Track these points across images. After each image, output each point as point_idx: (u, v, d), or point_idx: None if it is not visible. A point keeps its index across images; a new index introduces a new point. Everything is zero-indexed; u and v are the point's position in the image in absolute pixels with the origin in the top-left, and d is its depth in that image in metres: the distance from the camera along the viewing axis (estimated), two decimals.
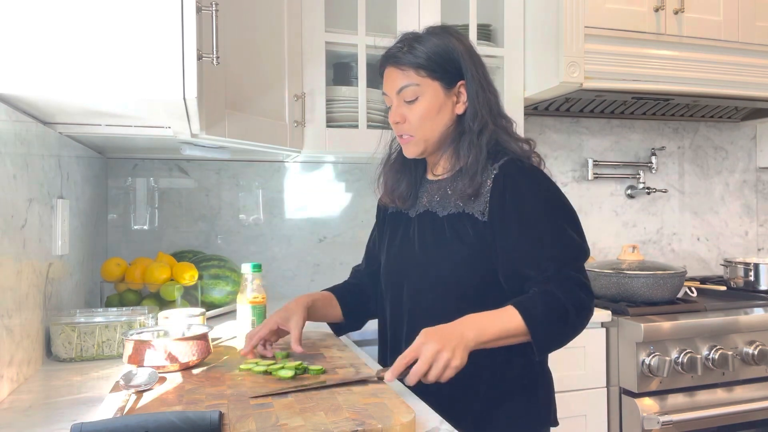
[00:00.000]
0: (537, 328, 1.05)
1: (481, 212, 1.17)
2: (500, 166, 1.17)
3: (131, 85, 0.99)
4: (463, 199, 1.19)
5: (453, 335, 1.01)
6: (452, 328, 1.03)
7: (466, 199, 1.18)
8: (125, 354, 1.12)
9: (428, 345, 0.99)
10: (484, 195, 1.17)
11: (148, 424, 0.77)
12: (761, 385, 1.88)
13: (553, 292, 1.08)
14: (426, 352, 0.98)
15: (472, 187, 1.17)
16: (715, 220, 2.80)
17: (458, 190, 1.19)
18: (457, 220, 1.20)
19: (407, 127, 1.22)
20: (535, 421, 1.22)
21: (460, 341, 1.00)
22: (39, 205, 1.20)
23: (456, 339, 1.00)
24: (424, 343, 0.99)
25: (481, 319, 1.06)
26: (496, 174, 1.17)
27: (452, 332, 1.02)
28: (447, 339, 1.00)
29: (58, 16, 0.96)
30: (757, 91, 2.22)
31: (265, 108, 1.73)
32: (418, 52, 1.19)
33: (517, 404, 1.20)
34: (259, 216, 2.23)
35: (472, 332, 1.02)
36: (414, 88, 1.19)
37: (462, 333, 1.02)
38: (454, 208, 1.21)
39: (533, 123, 2.50)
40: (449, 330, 1.02)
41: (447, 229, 1.21)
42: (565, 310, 1.07)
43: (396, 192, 1.32)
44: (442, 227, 1.22)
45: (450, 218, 1.21)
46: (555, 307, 1.07)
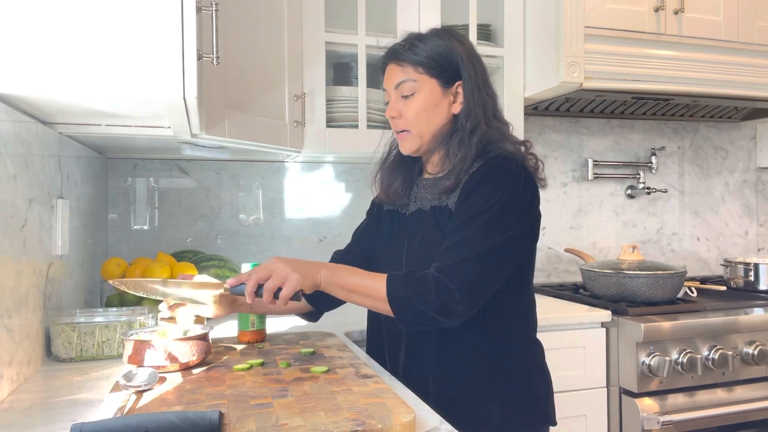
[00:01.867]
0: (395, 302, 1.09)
1: (454, 203, 1.19)
2: (485, 160, 1.18)
3: (131, 85, 0.99)
4: (445, 193, 1.21)
5: (303, 263, 1.12)
6: (308, 261, 1.15)
7: (446, 192, 1.20)
8: (125, 354, 1.12)
9: (276, 261, 1.10)
10: (460, 186, 1.19)
11: (148, 424, 0.77)
12: (761, 385, 1.88)
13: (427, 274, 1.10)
14: (270, 265, 1.10)
15: (453, 181, 1.19)
16: (715, 220, 2.80)
17: (441, 185, 1.22)
18: (439, 213, 1.22)
19: (402, 122, 1.24)
20: (533, 420, 1.23)
21: (307, 269, 1.10)
22: (39, 205, 1.20)
23: (304, 266, 1.11)
24: (274, 260, 1.11)
25: (342, 267, 1.17)
26: (474, 171, 1.18)
27: (305, 262, 1.13)
28: (294, 262, 1.11)
29: (58, 16, 0.96)
30: (757, 91, 2.22)
31: (265, 108, 1.73)
32: (418, 50, 1.21)
33: (516, 404, 1.20)
34: (259, 216, 2.23)
35: (325, 270, 1.13)
36: (411, 83, 1.22)
37: (314, 266, 1.13)
38: (437, 202, 1.23)
39: (533, 123, 2.50)
40: (304, 260, 1.14)
41: (431, 223, 1.23)
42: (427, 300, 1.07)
43: (391, 189, 1.34)
44: (427, 221, 1.24)
45: (433, 211, 1.23)
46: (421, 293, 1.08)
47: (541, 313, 1.80)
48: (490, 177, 1.15)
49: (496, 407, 1.19)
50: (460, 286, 1.08)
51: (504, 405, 1.19)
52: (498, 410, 1.19)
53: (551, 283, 2.49)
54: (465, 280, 1.08)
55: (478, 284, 1.10)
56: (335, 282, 1.13)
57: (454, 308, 1.08)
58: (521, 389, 1.21)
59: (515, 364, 1.21)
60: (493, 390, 1.19)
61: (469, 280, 1.09)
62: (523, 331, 1.25)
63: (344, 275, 1.14)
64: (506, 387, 1.20)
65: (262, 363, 1.17)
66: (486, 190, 1.14)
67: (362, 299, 1.13)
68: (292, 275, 1.07)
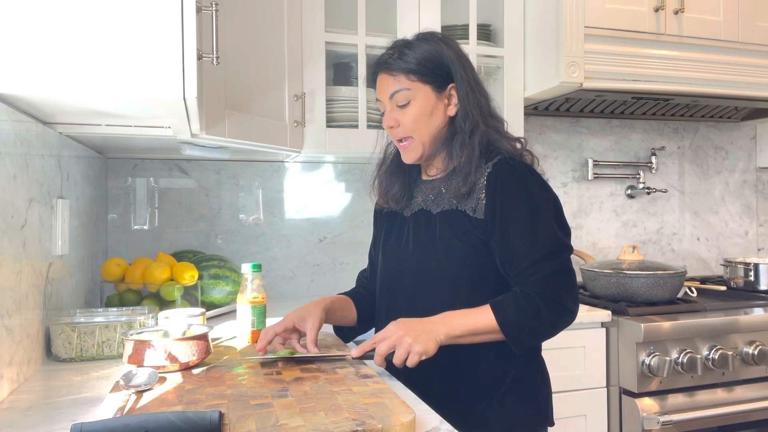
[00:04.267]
0: (508, 324, 1.11)
1: (473, 209, 1.20)
2: (493, 165, 1.19)
3: (131, 85, 0.99)
4: (457, 197, 1.21)
5: (421, 325, 1.11)
6: (423, 320, 1.13)
7: (460, 197, 1.21)
8: (125, 354, 1.12)
9: (395, 329, 1.10)
10: (477, 192, 1.19)
11: (148, 424, 0.77)
12: (761, 385, 1.88)
13: (526, 291, 1.13)
14: (391, 335, 1.09)
15: (466, 185, 1.20)
16: (715, 220, 2.80)
17: (452, 188, 1.22)
18: (450, 216, 1.22)
19: (401, 130, 1.24)
20: (531, 420, 1.23)
21: (427, 331, 1.10)
22: (39, 205, 1.20)
23: (422, 329, 1.10)
24: (393, 328, 1.11)
25: (453, 315, 1.14)
26: (489, 172, 1.19)
27: (421, 323, 1.12)
28: (413, 327, 1.10)
29: (58, 16, 0.96)
30: (757, 91, 2.22)
31: (265, 108, 1.73)
32: (408, 57, 1.22)
33: (514, 404, 1.20)
34: (259, 216, 2.23)
35: (442, 326, 1.11)
36: (405, 92, 1.22)
37: (431, 325, 1.11)
38: (448, 205, 1.23)
39: (533, 123, 2.50)
40: (419, 320, 1.13)
41: (440, 226, 1.23)
42: (537, 307, 1.12)
43: (390, 193, 1.34)
44: (435, 224, 1.24)
45: (443, 215, 1.23)
46: (527, 304, 1.12)
47: None
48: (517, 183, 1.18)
49: (493, 407, 1.19)
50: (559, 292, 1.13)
51: (502, 405, 1.19)
52: (497, 411, 1.19)
53: None
54: (562, 285, 1.14)
55: (571, 281, 1.16)
56: (453, 336, 1.12)
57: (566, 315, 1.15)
58: (520, 389, 1.21)
59: (515, 364, 1.21)
60: (493, 390, 1.19)
61: (564, 282, 1.15)
62: None
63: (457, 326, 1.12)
64: (505, 387, 1.20)
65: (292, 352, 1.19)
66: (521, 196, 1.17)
67: (481, 338, 1.14)
68: (416, 347, 1.07)
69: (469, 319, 1.12)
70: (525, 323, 1.12)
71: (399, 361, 1.08)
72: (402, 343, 1.08)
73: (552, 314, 1.13)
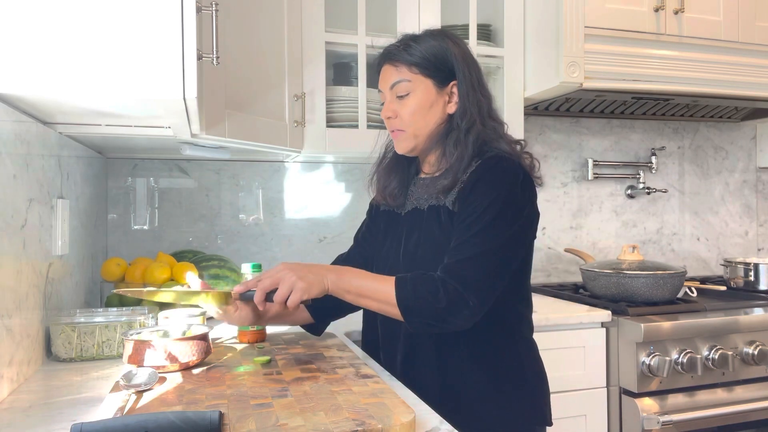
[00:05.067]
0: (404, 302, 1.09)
1: (452, 202, 1.19)
2: (480, 162, 1.19)
3: (131, 85, 0.99)
4: (443, 192, 1.21)
5: (309, 268, 1.12)
6: (314, 264, 1.15)
7: (444, 191, 1.21)
8: (125, 354, 1.12)
9: (281, 267, 1.11)
10: (458, 186, 1.19)
11: (147, 424, 0.77)
12: (761, 385, 1.88)
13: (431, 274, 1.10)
14: (276, 273, 1.10)
15: (451, 181, 1.19)
16: (715, 220, 2.80)
17: (439, 185, 1.22)
18: (434, 211, 1.22)
19: (398, 122, 1.24)
20: (529, 420, 1.23)
21: (314, 274, 1.11)
22: (39, 205, 1.20)
23: (310, 271, 1.11)
24: (281, 267, 1.11)
25: (349, 270, 1.15)
26: (473, 170, 1.18)
27: (310, 266, 1.13)
28: (301, 268, 1.11)
29: (58, 16, 0.96)
30: (757, 91, 2.22)
31: (265, 108, 1.73)
32: (413, 50, 1.22)
33: (511, 404, 1.20)
34: (259, 216, 2.23)
35: (332, 275, 1.13)
36: (406, 83, 1.22)
37: (322, 271, 1.13)
38: (435, 201, 1.23)
39: (533, 123, 2.50)
40: (310, 265, 1.14)
41: (427, 221, 1.23)
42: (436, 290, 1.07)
43: (387, 190, 1.34)
44: (425, 220, 1.24)
45: (430, 210, 1.24)
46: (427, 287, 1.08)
47: (541, 313, 1.82)
48: (489, 176, 1.16)
49: (493, 408, 1.19)
50: (467, 285, 1.08)
51: (501, 406, 1.19)
52: (495, 411, 1.19)
53: (551, 283, 2.49)
54: (471, 279, 1.09)
55: (485, 282, 1.10)
56: (343, 286, 1.12)
57: (463, 308, 1.08)
58: (518, 390, 1.21)
59: (512, 364, 1.21)
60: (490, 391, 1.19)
61: (475, 279, 1.09)
62: (520, 331, 1.25)
63: (352, 279, 1.13)
64: (503, 387, 1.20)
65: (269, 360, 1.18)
66: (485, 189, 1.14)
67: (371, 303, 1.13)
68: (299, 284, 1.08)
69: (367, 282, 1.13)
70: (418, 306, 1.08)
71: (280, 299, 1.08)
72: (285, 279, 1.08)
73: (448, 302, 1.07)
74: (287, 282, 1.08)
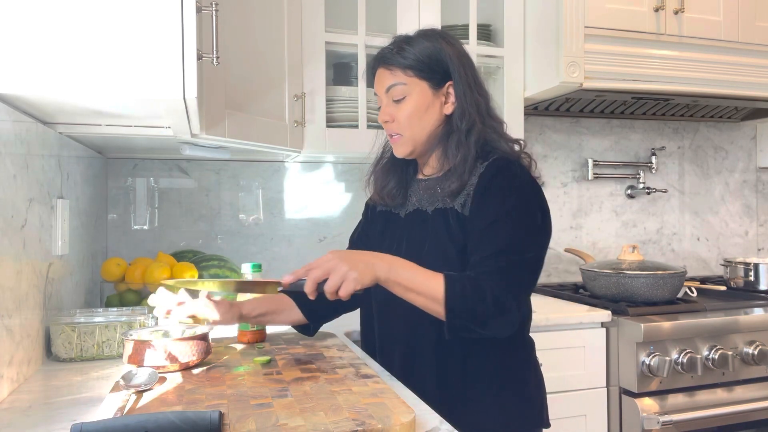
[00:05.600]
0: (452, 301, 1.06)
1: (461, 205, 1.19)
2: (487, 165, 1.18)
3: (131, 85, 0.99)
4: (450, 196, 1.20)
5: (361, 257, 1.07)
6: (365, 252, 1.10)
7: (452, 195, 1.20)
8: (125, 354, 1.12)
9: (333, 258, 1.05)
10: (467, 190, 1.19)
11: (148, 424, 0.77)
12: (761, 385, 1.88)
13: (479, 278, 1.08)
14: (326, 263, 1.04)
15: (457, 183, 1.19)
16: (715, 220, 2.80)
17: (446, 188, 1.21)
18: (443, 214, 1.22)
19: (396, 126, 1.24)
20: (525, 422, 1.22)
21: (366, 263, 1.05)
22: (39, 205, 1.20)
23: (362, 260, 1.06)
24: (330, 256, 1.05)
25: (400, 261, 1.09)
26: (482, 172, 1.18)
27: (362, 255, 1.08)
28: (351, 257, 1.06)
29: (58, 16, 0.96)
30: (757, 91, 2.22)
31: (265, 108, 1.73)
32: (406, 53, 1.21)
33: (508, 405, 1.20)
34: (259, 216, 2.23)
35: (385, 264, 1.07)
36: (401, 87, 1.22)
37: (373, 259, 1.07)
38: (441, 204, 1.23)
39: (533, 123, 2.50)
40: (360, 253, 1.10)
41: (433, 224, 1.22)
42: (483, 299, 1.06)
43: (385, 190, 1.33)
44: (429, 223, 1.23)
45: (436, 213, 1.23)
46: (474, 288, 1.07)
47: (541, 313, 1.82)
48: (502, 182, 1.15)
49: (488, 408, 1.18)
50: (509, 292, 1.08)
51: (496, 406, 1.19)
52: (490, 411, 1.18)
53: (551, 283, 2.49)
54: (513, 286, 1.09)
55: (524, 289, 1.13)
56: (394, 278, 1.07)
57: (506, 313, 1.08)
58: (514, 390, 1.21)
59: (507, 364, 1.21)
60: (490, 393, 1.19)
61: (516, 286, 1.10)
62: (521, 332, 1.25)
63: (403, 270, 1.08)
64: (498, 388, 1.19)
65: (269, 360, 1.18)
66: (502, 195, 1.14)
67: (417, 298, 1.08)
68: (351, 273, 1.02)
69: (416, 275, 1.08)
70: (465, 307, 1.06)
71: (331, 289, 1.02)
72: (337, 269, 1.02)
73: (493, 311, 1.07)
74: (339, 272, 1.02)
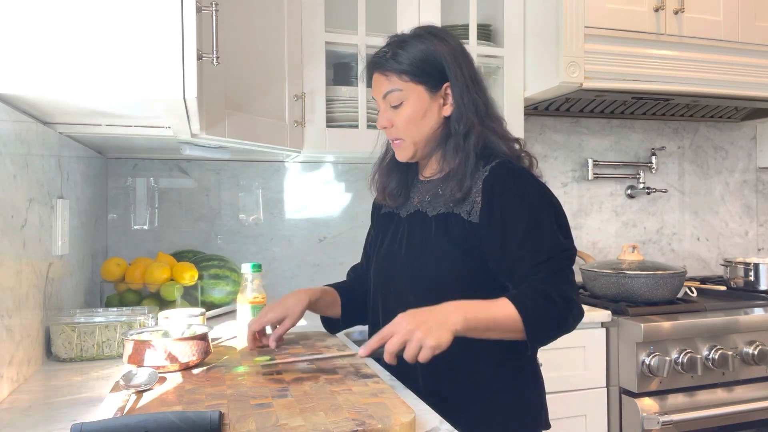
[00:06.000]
0: (529, 318, 1.06)
1: (467, 212, 1.18)
2: (491, 169, 1.18)
3: (131, 85, 0.99)
4: (453, 201, 1.20)
5: (433, 316, 1.03)
6: (435, 309, 1.05)
7: (456, 201, 1.19)
8: (125, 354, 1.12)
9: (404, 323, 1.01)
10: (473, 196, 1.18)
11: (148, 424, 0.77)
12: (761, 385, 1.88)
13: (541, 286, 1.09)
14: (400, 330, 1.00)
15: (461, 191, 1.18)
16: (715, 220, 2.80)
17: (448, 193, 1.20)
18: (444, 219, 1.21)
19: (395, 131, 1.24)
20: (525, 423, 1.22)
21: (440, 322, 1.01)
22: (39, 205, 1.20)
23: (435, 319, 1.02)
24: (401, 321, 1.02)
25: (469, 304, 1.06)
26: (486, 176, 1.17)
27: (433, 313, 1.03)
28: (425, 319, 1.01)
29: (58, 16, 0.96)
30: (757, 91, 2.22)
31: (265, 108, 1.73)
32: (401, 57, 1.20)
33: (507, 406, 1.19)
34: (259, 216, 2.23)
35: (457, 315, 1.03)
36: (398, 93, 1.21)
37: (445, 315, 1.03)
38: (444, 208, 1.21)
39: (533, 123, 2.50)
40: (430, 310, 1.04)
41: (434, 228, 1.21)
42: (552, 299, 1.08)
43: (387, 190, 1.33)
44: (430, 226, 1.22)
45: (438, 218, 1.22)
46: (542, 297, 1.08)
47: None
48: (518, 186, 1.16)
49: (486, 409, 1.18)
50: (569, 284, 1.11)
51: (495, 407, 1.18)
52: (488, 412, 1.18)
53: None
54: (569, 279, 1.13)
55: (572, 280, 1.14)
56: (471, 326, 1.04)
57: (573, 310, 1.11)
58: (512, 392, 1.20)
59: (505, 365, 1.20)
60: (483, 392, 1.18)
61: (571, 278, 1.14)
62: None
63: (477, 315, 1.05)
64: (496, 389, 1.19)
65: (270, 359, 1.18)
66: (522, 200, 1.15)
67: (497, 334, 1.07)
68: (427, 341, 0.99)
69: (487, 311, 1.05)
70: (542, 317, 1.07)
71: (410, 358, 1.00)
72: (413, 337, 0.99)
73: (565, 308, 1.09)
74: (414, 341, 0.99)
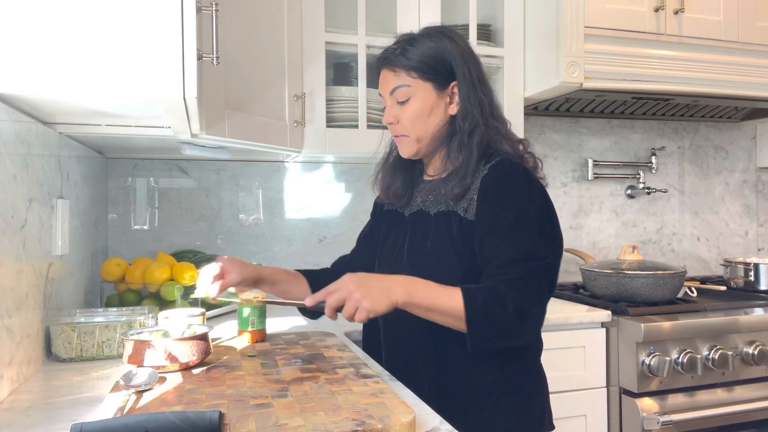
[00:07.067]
0: (473, 315, 1.05)
1: (464, 209, 1.18)
2: (490, 167, 1.18)
3: (131, 85, 0.99)
4: (453, 198, 1.20)
5: (379, 282, 1.08)
6: (384, 277, 1.11)
7: (455, 198, 1.20)
8: (125, 354, 1.12)
9: (350, 283, 1.06)
10: (470, 193, 1.18)
11: (148, 424, 0.77)
12: (761, 385, 1.88)
13: (498, 288, 1.07)
14: (343, 288, 1.06)
15: (461, 187, 1.18)
16: (715, 220, 2.80)
17: (449, 190, 1.21)
18: (445, 217, 1.21)
19: (400, 127, 1.24)
20: (528, 424, 1.22)
21: (382, 289, 1.06)
22: (39, 205, 1.20)
23: (379, 286, 1.06)
24: (347, 281, 1.07)
25: (419, 282, 1.09)
26: (485, 175, 1.18)
27: (381, 280, 1.09)
28: (369, 283, 1.07)
29: (58, 16, 0.96)
30: (757, 91, 2.22)
31: (265, 108, 1.73)
32: (410, 54, 1.21)
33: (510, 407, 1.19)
34: (259, 216, 2.23)
35: (402, 288, 1.07)
36: (405, 89, 1.21)
37: (390, 285, 1.07)
38: (444, 207, 1.22)
39: (533, 123, 2.50)
40: (379, 277, 1.10)
41: (435, 227, 1.22)
42: (505, 308, 1.05)
43: (391, 189, 1.34)
44: (431, 225, 1.23)
45: (439, 216, 1.22)
46: (496, 301, 1.06)
47: None
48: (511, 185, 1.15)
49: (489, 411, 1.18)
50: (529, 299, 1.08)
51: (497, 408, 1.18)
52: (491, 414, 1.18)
53: None
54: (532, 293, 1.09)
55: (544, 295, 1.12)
56: (413, 301, 1.07)
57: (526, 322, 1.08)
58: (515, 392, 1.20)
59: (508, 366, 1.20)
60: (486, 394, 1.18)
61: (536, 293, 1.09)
62: None
63: (422, 293, 1.07)
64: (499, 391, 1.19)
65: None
66: (512, 199, 1.14)
67: (437, 317, 1.08)
68: (363, 303, 1.04)
69: (434, 294, 1.07)
70: (487, 318, 1.05)
71: (347, 316, 1.05)
72: (351, 297, 1.04)
73: (516, 317, 1.06)
74: (352, 300, 1.04)
